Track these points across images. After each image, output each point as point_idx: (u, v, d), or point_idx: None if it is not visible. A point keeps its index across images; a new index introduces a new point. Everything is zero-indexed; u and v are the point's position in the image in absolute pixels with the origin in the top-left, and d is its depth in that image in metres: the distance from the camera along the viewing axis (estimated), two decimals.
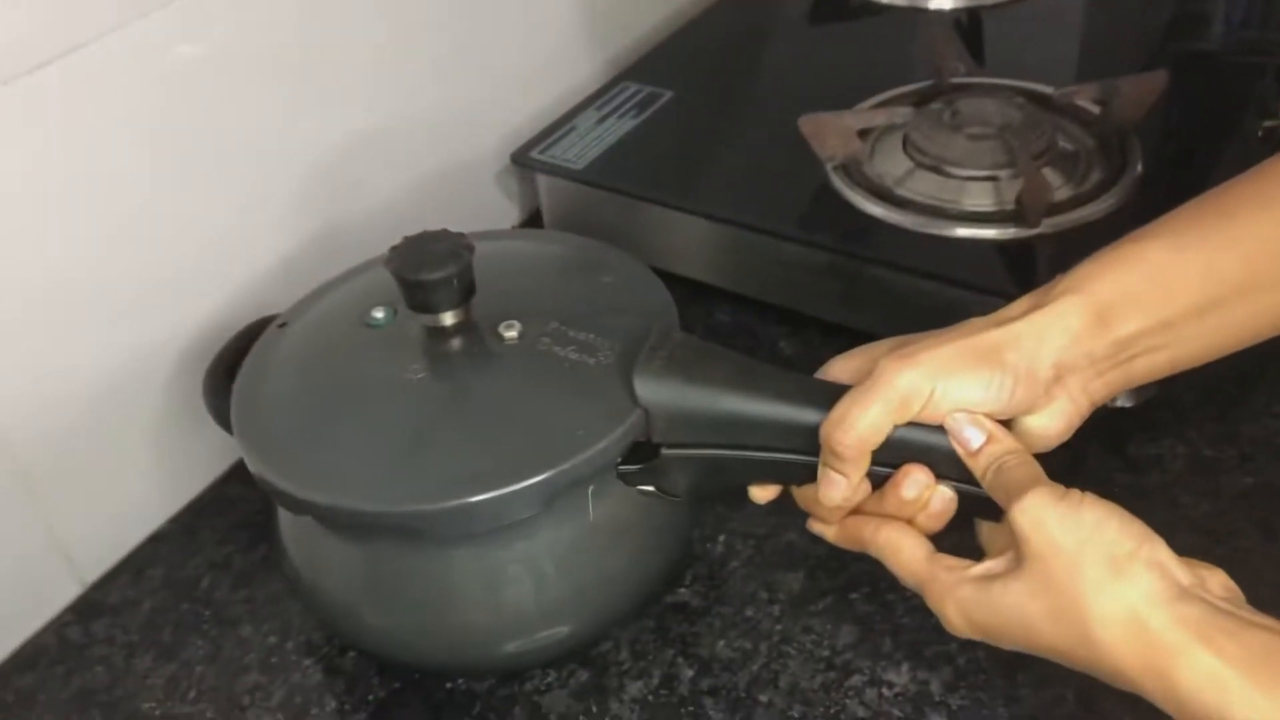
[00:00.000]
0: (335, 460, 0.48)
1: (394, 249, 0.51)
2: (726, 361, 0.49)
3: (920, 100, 0.73)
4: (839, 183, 0.69)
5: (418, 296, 0.50)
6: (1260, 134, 0.72)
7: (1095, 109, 0.71)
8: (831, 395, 0.46)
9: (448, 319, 0.51)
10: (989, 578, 0.43)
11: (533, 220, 0.83)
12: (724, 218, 0.69)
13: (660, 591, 0.56)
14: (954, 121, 0.69)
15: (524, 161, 0.76)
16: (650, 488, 0.50)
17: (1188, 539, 0.56)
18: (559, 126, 0.78)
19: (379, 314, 0.53)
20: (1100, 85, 0.70)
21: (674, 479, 0.50)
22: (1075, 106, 0.72)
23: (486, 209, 0.81)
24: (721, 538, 0.59)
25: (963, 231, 0.64)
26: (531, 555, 0.49)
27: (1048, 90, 0.73)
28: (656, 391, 0.48)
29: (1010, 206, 0.65)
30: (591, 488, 0.48)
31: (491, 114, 0.79)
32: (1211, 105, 0.73)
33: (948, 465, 0.46)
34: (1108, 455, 0.61)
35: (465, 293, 0.51)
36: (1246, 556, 0.55)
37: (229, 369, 0.56)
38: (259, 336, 0.55)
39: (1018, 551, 0.42)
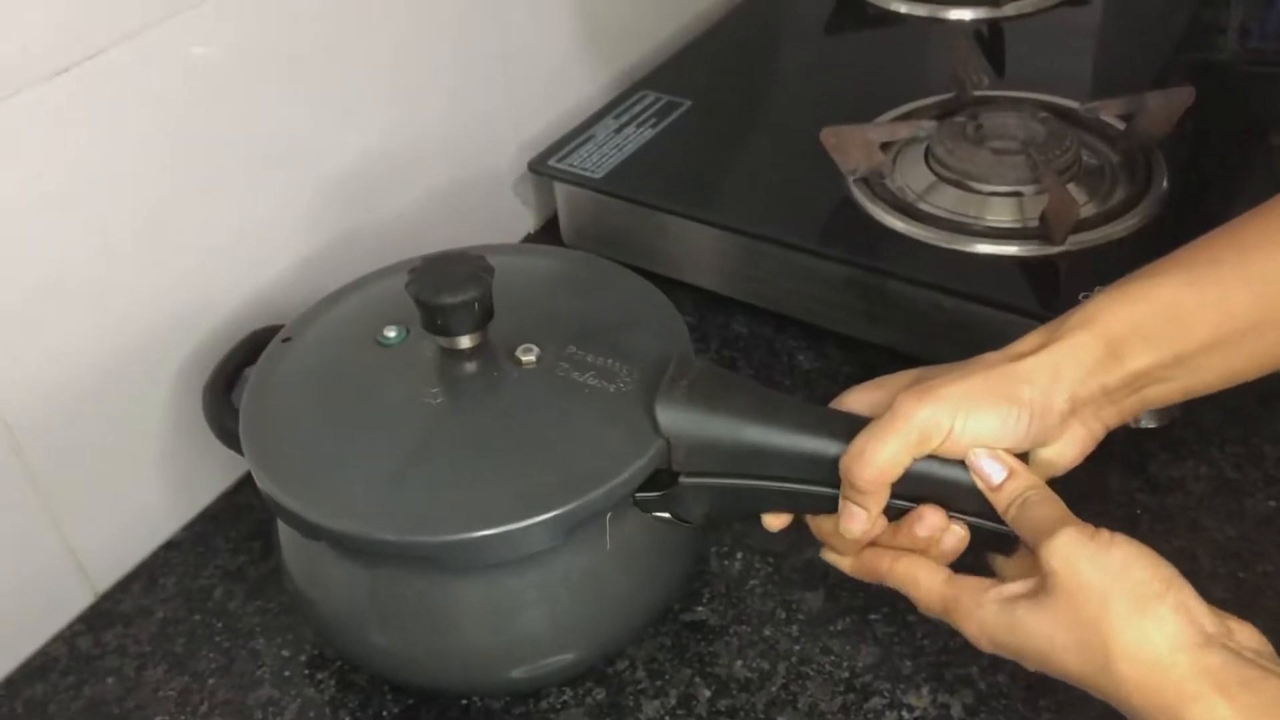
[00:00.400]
0: (350, 485, 0.47)
1: (413, 271, 0.50)
2: (747, 392, 0.49)
3: (943, 113, 0.73)
4: (860, 195, 0.68)
5: (437, 320, 0.50)
6: None
7: (1119, 124, 0.71)
8: (852, 427, 0.46)
9: (465, 342, 0.51)
10: (1013, 600, 0.43)
11: (548, 227, 0.82)
12: (743, 229, 0.69)
13: (672, 609, 0.56)
14: (977, 135, 0.68)
15: (542, 170, 0.75)
16: (666, 515, 0.49)
17: (1212, 563, 0.56)
18: (577, 135, 0.77)
19: (391, 333, 0.53)
20: (1126, 100, 0.69)
21: (690, 507, 0.49)
22: (1099, 121, 0.71)
23: (502, 217, 0.80)
24: (740, 555, 0.58)
25: (985, 247, 0.64)
26: (546, 583, 0.48)
27: (1072, 104, 0.72)
28: (678, 421, 0.47)
29: (1034, 223, 0.64)
30: (609, 515, 0.48)
31: (508, 121, 0.78)
32: (1234, 120, 0.73)
33: (965, 499, 0.46)
34: (1130, 476, 0.60)
35: (484, 316, 0.50)
36: (1271, 581, 0.55)
37: (228, 382, 0.55)
38: (258, 349, 0.55)
39: (1044, 582, 0.42)
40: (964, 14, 0.88)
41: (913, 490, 0.46)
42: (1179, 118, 0.67)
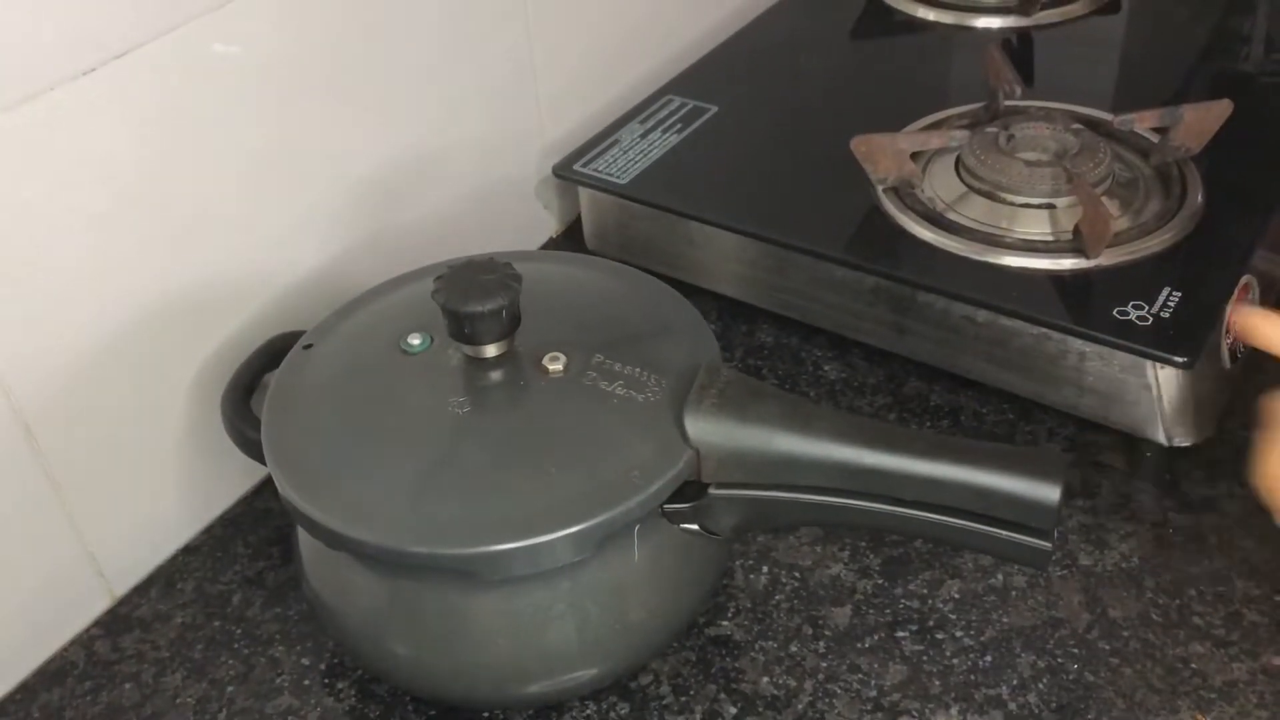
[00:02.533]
0: (374, 495, 0.46)
1: (439, 278, 0.50)
2: (778, 401, 0.48)
3: (973, 122, 0.72)
4: (889, 205, 0.67)
5: (464, 328, 0.49)
6: None
7: (1153, 136, 0.70)
8: (888, 437, 0.46)
9: (491, 350, 0.50)
10: None
11: (570, 232, 0.81)
12: (769, 237, 0.68)
13: (697, 623, 0.55)
14: (1009, 146, 0.67)
15: (566, 175, 0.74)
16: (695, 526, 0.49)
17: (1246, 584, 0.55)
18: (602, 140, 0.76)
19: (416, 340, 0.52)
20: (1161, 112, 0.68)
21: (719, 518, 0.49)
22: (1132, 133, 0.70)
23: (523, 221, 0.80)
24: (765, 569, 0.57)
25: (1017, 260, 0.63)
26: (571, 596, 0.47)
27: (1105, 116, 0.71)
28: (708, 431, 0.47)
29: (1066, 235, 0.63)
30: (638, 527, 0.47)
31: (532, 125, 0.78)
32: (1264, 131, 0.72)
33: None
34: (1162, 494, 0.59)
35: (512, 325, 0.50)
36: None
37: (248, 389, 0.55)
38: (278, 355, 0.54)
39: None
40: (992, 22, 0.87)
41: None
42: (1216, 131, 0.66)
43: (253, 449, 0.52)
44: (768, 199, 0.71)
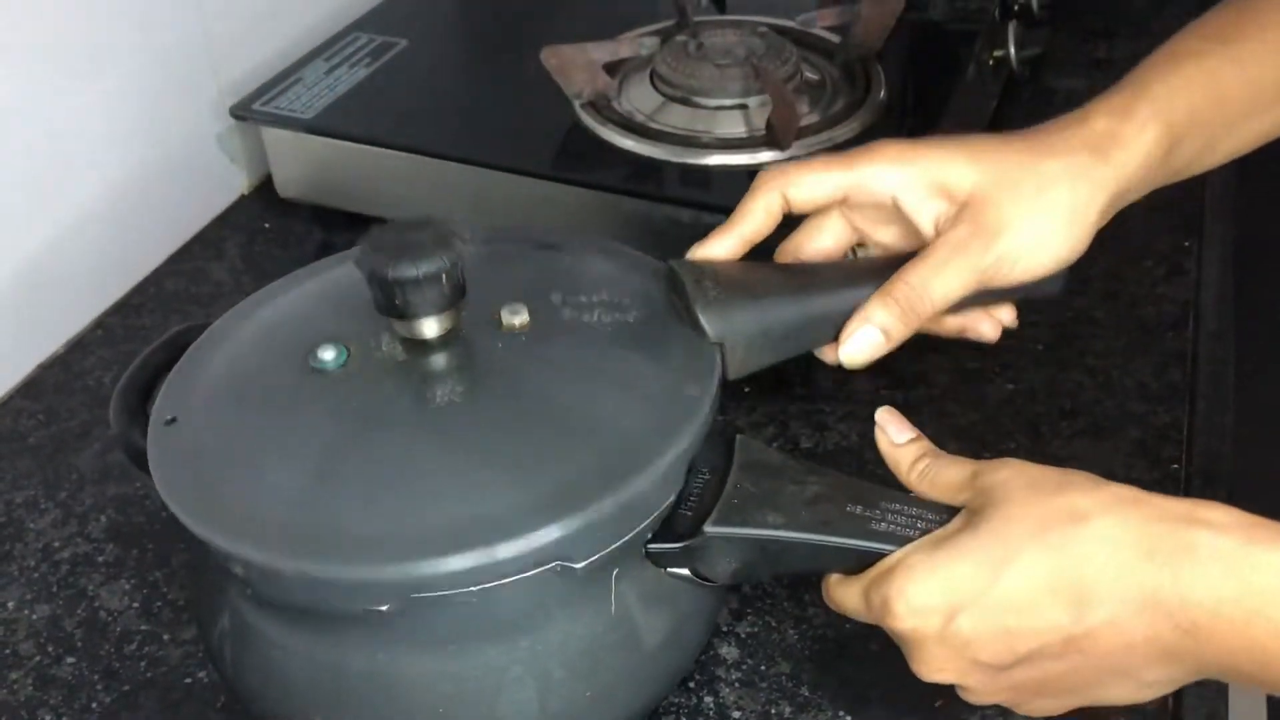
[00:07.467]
0: (327, 517, 0.37)
1: (364, 246, 0.41)
2: (771, 269, 0.47)
3: (665, 35, 0.72)
4: (589, 119, 0.66)
5: (409, 298, 0.40)
6: (991, 63, 0.74)
7: (835, 37, 0.71)
8: (888, 267, 0.45)
9: (431, 327, 0.42)
10: (939, 539, 0.38)
11: (264, 188, 0.76)
12: (471, 159, 0.65)
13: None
14: (699, 53, 0.68)
15: (246, 114, 0.69)
16: (685, 571, 0.42)
17: (959, 447, 0.56)
18: (284, 78, 0.72)
19: (328, 354, 0.42)
20: (839, 10, 0.70)
21: (715, 562, 0.41)
22: (817, 36, 0.72)
23: (207, 181, 0.73)
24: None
25: (717, 159, 0.63)
26: (534, 656, 0.39)
27: (789, 23, 0.73)
28: (727, 320, 0.43)
29: (760, 132, 0.64)
30: (616, 570, 0.39)
31: (204, 69, 0.72)
32: (943, 36, 0.75)
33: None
34: (875, 374, 0.60)
35: (457, 292, 0.42)
36: (1015, 455, 0.55)
37: (144, 390, 0.45)
38: (181, 349, 0.45)
39: (979, 514, 0.38)
40: None
41: None
42: (892, 27, 0.69)
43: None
44: (465, 124, 0.69)
